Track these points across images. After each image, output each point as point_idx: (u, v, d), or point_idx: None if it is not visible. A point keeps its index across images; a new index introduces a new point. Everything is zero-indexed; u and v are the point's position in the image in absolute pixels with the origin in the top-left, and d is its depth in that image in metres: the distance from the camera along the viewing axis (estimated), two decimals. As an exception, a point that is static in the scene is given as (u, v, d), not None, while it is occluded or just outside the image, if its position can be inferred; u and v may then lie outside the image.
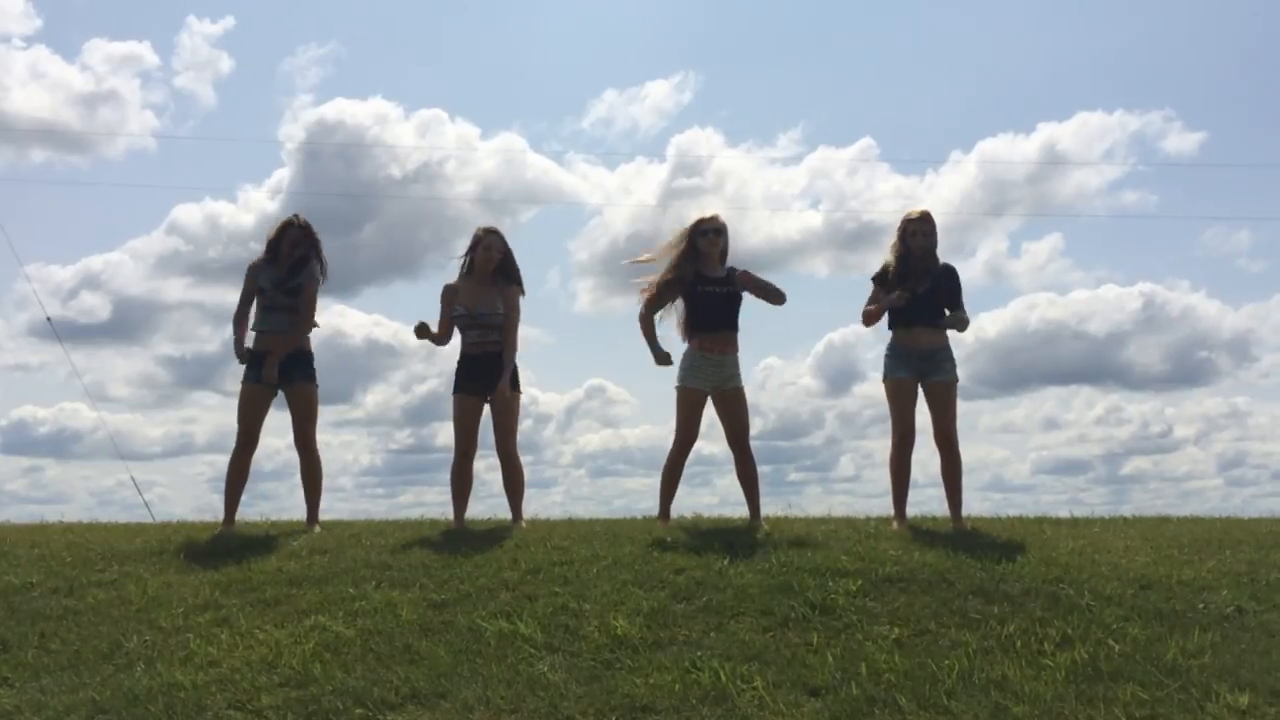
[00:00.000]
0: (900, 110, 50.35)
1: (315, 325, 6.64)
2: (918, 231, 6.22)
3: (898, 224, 6.34)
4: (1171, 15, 47.27)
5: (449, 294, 6.50)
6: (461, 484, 6.49)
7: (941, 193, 36.40)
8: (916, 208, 6.34)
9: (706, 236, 6.19)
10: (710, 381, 6.13)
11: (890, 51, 52.49)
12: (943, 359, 6.20)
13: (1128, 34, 48.04)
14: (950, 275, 6.29)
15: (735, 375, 6.17)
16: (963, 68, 50.16)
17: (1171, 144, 39.13)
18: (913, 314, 6.18)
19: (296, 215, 6.61)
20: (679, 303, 6.26)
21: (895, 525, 6.11)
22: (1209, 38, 48.04)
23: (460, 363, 6.49)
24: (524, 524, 6.47)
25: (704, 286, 6.15)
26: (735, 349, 6.20)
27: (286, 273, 6.51)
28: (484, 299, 6.43)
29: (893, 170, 40.83)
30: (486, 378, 6.39)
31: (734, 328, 6.21)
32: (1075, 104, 49.13)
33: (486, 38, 53.46)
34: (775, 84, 52.85)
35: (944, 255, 6.33)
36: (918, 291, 6.14)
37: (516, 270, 6.57)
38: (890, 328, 6.29)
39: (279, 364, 6.39)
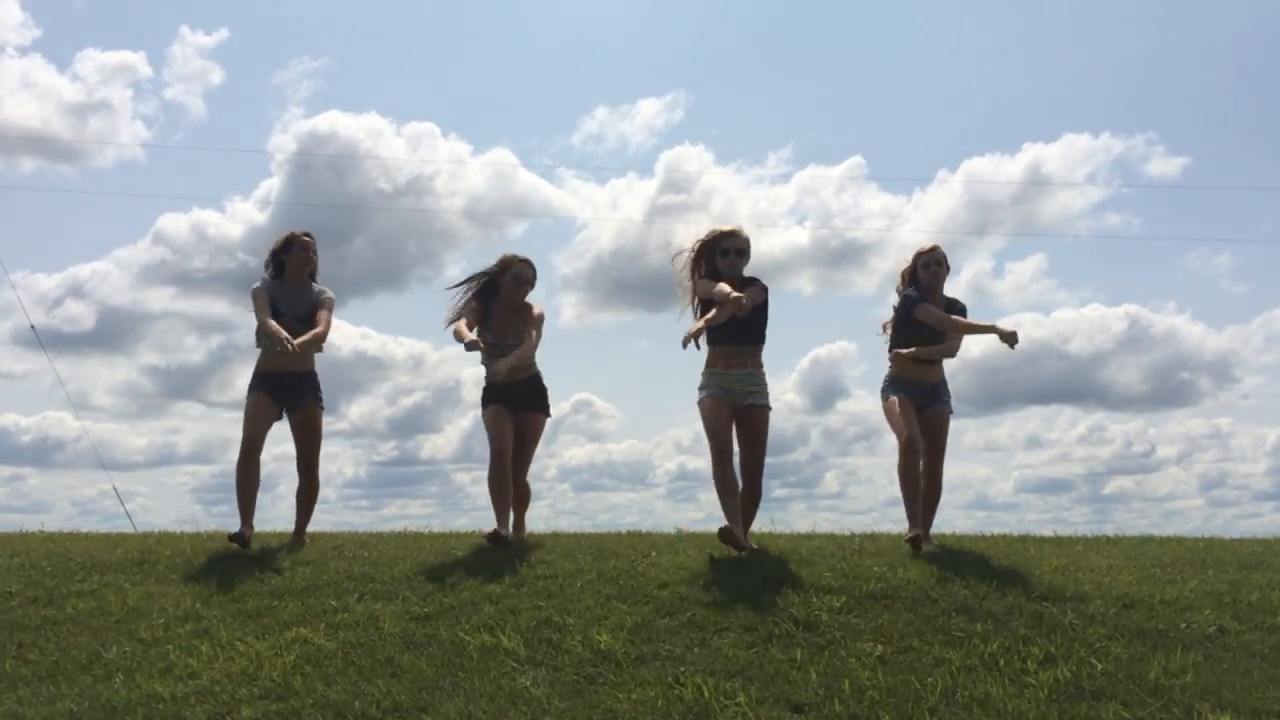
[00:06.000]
0: (889, 130, 50.70)
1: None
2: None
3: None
4: (1157, 42, 47.78)
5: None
6: (500, 487, 5.94)
7: (927, 212, 36.58)
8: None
9: (728, 257, 5.60)
10: (731, 395, 5.56)
11: (881, 72, 52.91)
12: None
13: (1113, 59, 48.55)
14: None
15: (759, 392, 5.61)
16: (951, 89, 50.58)
17: (1155, 167, 39.49)
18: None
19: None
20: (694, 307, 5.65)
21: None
22: (1193, 64, 48.61)
23: (488, 387, 6.15)
24: (525, 535, 6.41)
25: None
26: (759, 364, 5.66)
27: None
28: (511, 330, 6.15)
29: (880, 189, 41.09)
30: (517, 399, 6.16)
31: (759, 340, 5.64)
32: (1061, 126, 49.59)
33: (481, 55, 53.60)
34: (766, 103, 53.16)
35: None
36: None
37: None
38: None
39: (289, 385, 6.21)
